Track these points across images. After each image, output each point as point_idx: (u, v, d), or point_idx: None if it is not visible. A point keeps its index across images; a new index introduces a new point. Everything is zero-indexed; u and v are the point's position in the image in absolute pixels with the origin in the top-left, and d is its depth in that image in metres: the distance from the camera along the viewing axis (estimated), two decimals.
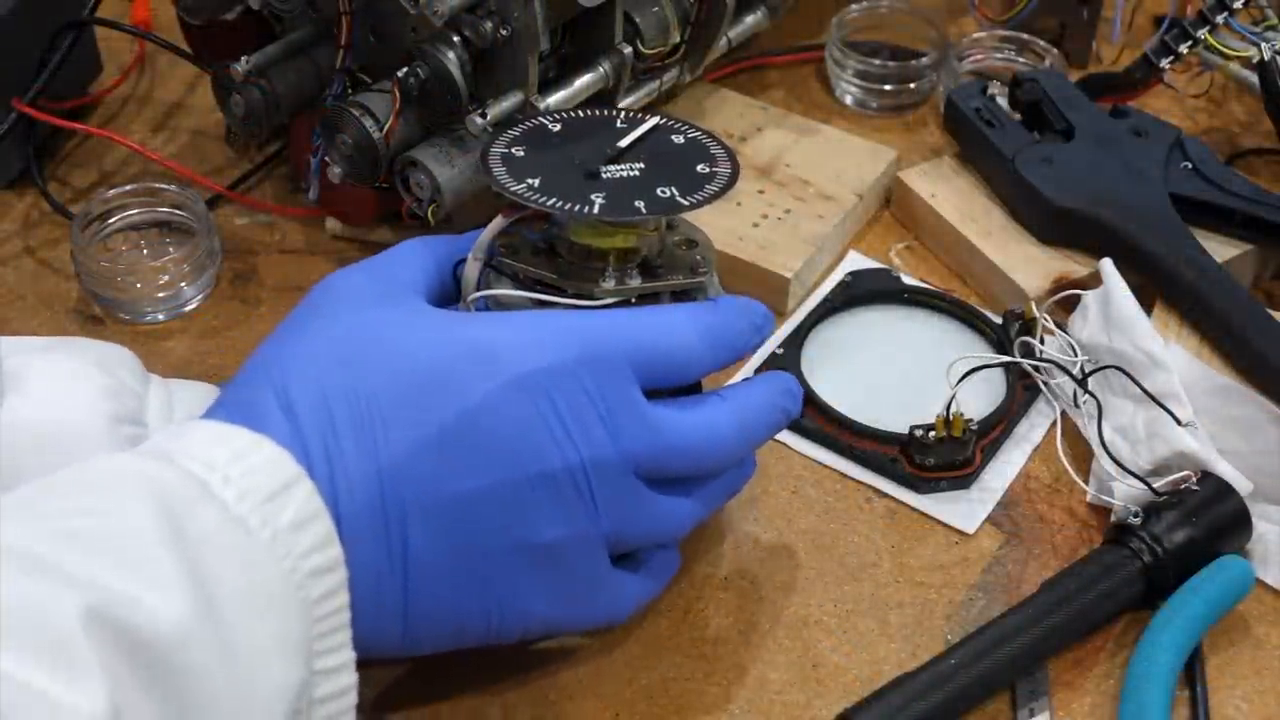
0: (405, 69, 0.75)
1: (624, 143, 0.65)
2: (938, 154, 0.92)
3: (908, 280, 0.84)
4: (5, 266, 0.85)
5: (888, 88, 0.96)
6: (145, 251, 0.85)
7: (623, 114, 0.68)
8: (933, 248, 0.87)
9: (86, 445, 0.58)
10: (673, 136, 0.67)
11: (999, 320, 0.80)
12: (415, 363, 0.57)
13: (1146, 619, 0.66)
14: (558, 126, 0.67)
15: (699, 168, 0.65)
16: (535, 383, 0.57)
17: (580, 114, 0.68)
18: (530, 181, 0.62)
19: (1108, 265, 0.79)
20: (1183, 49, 0.89)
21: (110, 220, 0.85)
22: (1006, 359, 0.78)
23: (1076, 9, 0.98)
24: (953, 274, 0.86)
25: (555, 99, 0.78)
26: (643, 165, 0.64)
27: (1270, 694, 0.66)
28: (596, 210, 0.61)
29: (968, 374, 0.74)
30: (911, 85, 0.96)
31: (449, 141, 0.77)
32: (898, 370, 0.80)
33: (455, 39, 0.74)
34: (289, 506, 0.52)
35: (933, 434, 0.73)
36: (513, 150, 0.65)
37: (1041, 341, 0.77)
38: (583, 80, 0.80)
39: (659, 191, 0.63)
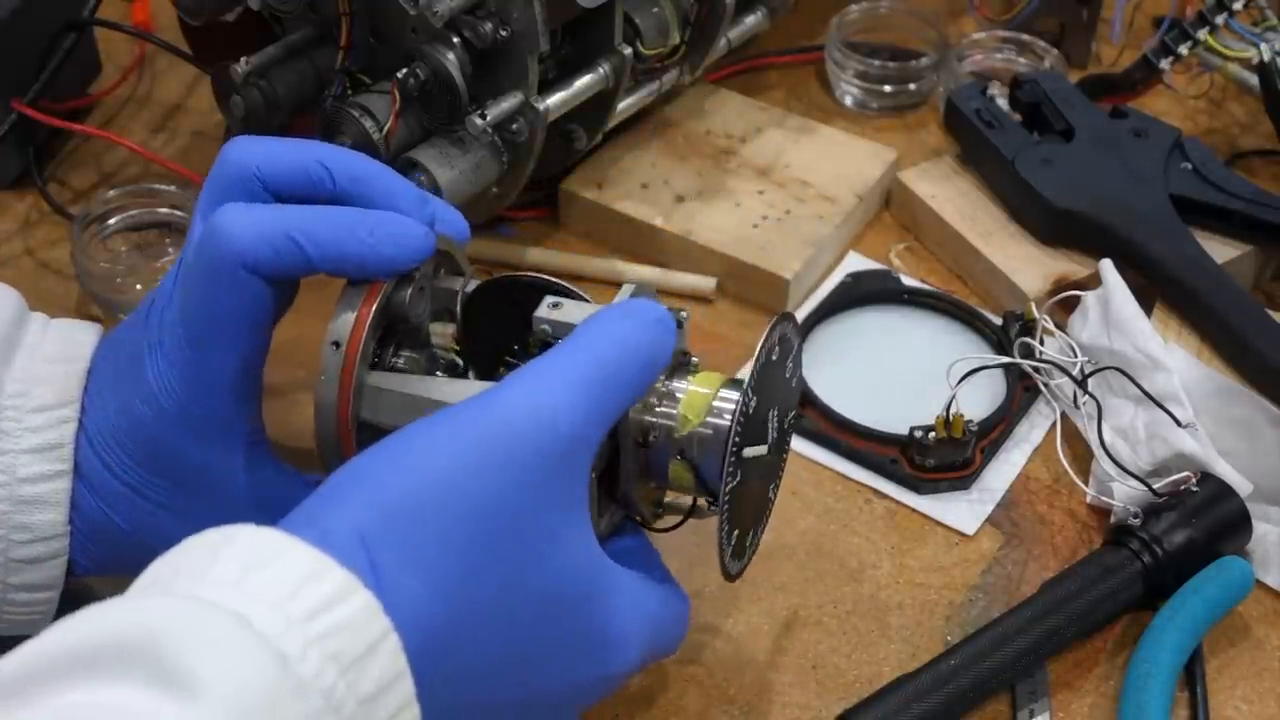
0: (405, 70, 0.75)
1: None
2: (938, 154, 0.91)
3: (908, 281, 0.84)
4: (5, 267, 0.85)
5: (888, 88, 0.96)
6: (145, 252, 0.85)
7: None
8: (932, 248, 0.87)
9: None
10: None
11: (999, 321, 0.80)
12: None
13: (1146, 619, 0.66)
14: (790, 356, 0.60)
15: None
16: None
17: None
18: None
19: (1108, 266, 0.79)
20: (1182, 49, 0.89)
21: (110, 221, 0.85)
22: (1006, 360, 0.78)
23: (1076, 9, 0.98)
24: (953, 274, 0.86)
25: (555, 99, 0.78)
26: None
27: (1270, 694, 0.66)
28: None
29: (968, 375, 0.74)
30: (911, 86, 0.96)
31: (449, 142, 0.77)
32: (898, 371, 0.80)
33: (455, 40, 0.74)
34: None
35: (932, 435, 0.73)
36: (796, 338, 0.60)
37: (1041, 342, 0.77)
38: (582, 81, 0.80)
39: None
